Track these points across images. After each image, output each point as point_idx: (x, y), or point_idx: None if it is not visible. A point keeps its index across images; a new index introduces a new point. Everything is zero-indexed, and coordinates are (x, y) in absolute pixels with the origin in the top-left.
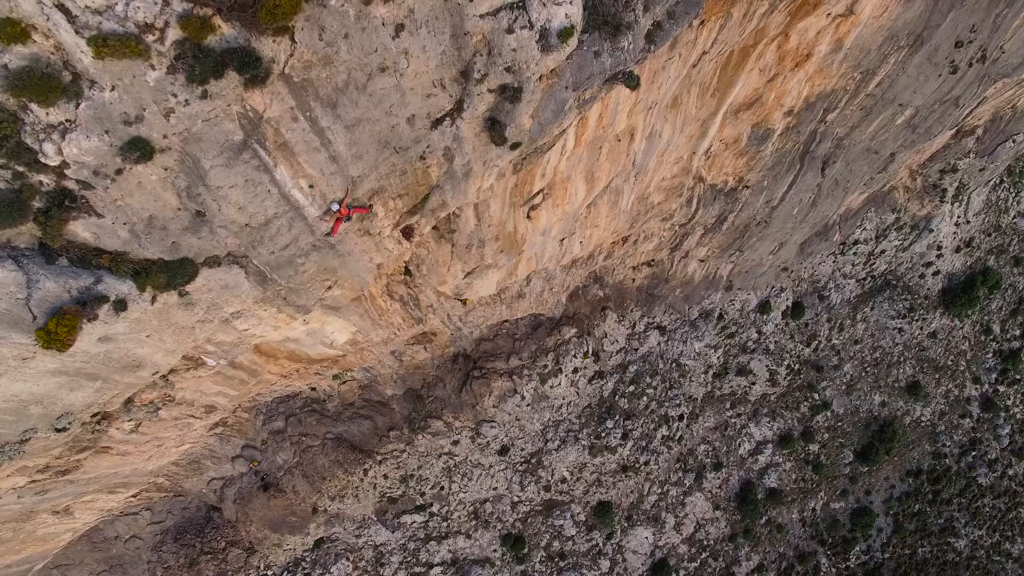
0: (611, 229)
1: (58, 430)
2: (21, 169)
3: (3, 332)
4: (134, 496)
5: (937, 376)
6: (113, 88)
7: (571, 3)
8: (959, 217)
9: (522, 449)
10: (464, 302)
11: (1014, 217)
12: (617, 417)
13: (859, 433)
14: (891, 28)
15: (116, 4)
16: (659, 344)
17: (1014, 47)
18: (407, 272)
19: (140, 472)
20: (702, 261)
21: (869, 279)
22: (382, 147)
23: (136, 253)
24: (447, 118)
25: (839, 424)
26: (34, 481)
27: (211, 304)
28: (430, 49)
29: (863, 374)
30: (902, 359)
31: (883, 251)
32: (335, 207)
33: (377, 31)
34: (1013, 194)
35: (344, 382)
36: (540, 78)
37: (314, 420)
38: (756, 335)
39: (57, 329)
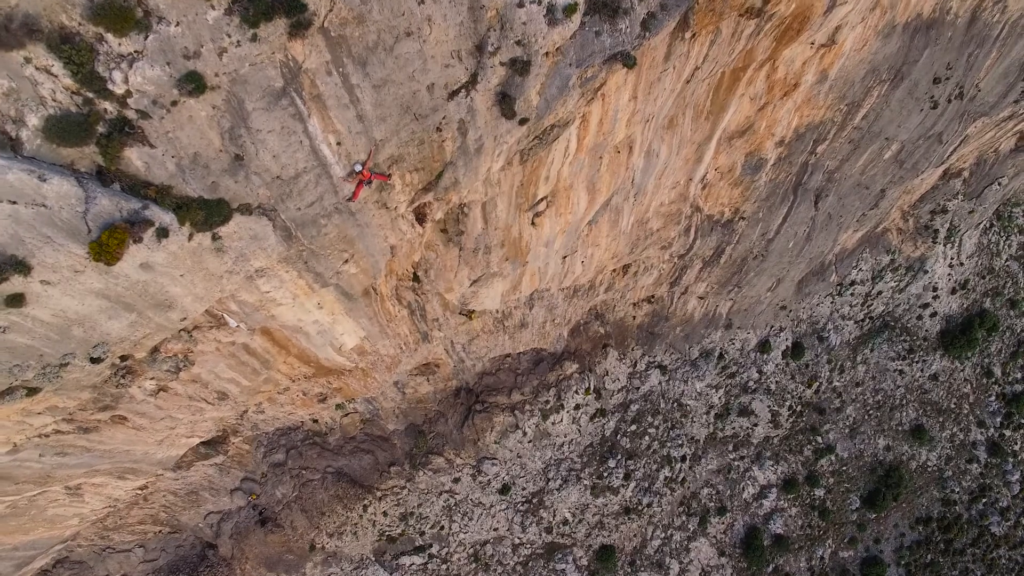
0: (612, 251)
1: (93, 360)
2: (91, 95)
3: (62, 240)
4: (140, 489)
5: (941, 419)
6: (178, 24)
7: None
8: (952, 259)
9: (523, 488)
10: (470, 316)
11: (1007, 260)
12: (619, 456)
13: (865, 478)
14: (872, 61)
15: None
16: (660, 383)
17: (989, 85)
18: (415, 279)
19: (150, 459)
20: (701, 298)
21: (867, 320)
22: (404, 112)
23: (179, 189)
24: (463, 90)
25: (844, 468)
26: (59, 432)
27: (240, 254)
28: (450, 18)
29: (866, 417)
30: (904, 402)
31: (880, 292)
32: (358, 168)
33: None
34: (1003, 238)
35: (347, 414)
36: (547, 54)
37: (315, 453)
38: (757, 375)
39: (108, 241)
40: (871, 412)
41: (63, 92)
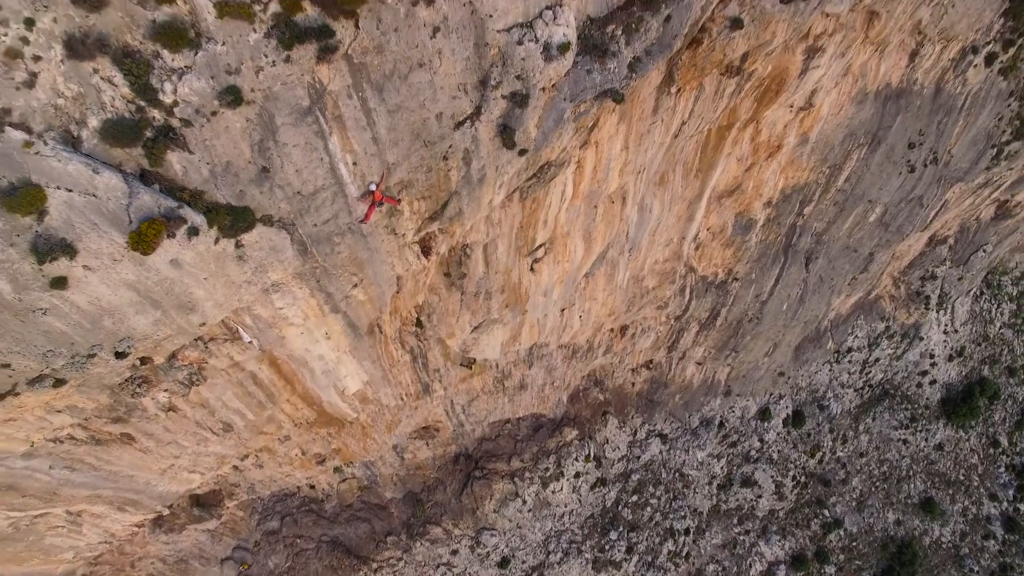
0: (609, 307)
1: (118, 354)
2: (143, 104)
3: (106, 228)
4: (138, 526)
5: (951, 491)
6: (223, 43)
7: (568, 26)
8: (947, 325)
9: (523, 561)
10: (470, 366)
11: (1000, 328)
12: (621, 528)
13: (876, 555)
14: (849, 126)
15: None
16: (661, 452)
17: (960, 152)
18: (419, 323)
19: (151, 491)
20: (699, 364)
21: (867, 388)
22: (414, 138)
23: (211, 194)
24: (468, 121)
25: (854, 544)
26: (72, 439)
27: (259, 264)
28: (458, 52)
29: (873, 489)
30: (911, 473)
31: (877, 359)
32: (372, 187)
33: (419, 30)
34: (995, 305)
35: (344, 479)
36: (544, 89)
37: (310, 521)
38: (758, 443)
39: (147, 231)
40: (878, 484)
41: (120, 100)
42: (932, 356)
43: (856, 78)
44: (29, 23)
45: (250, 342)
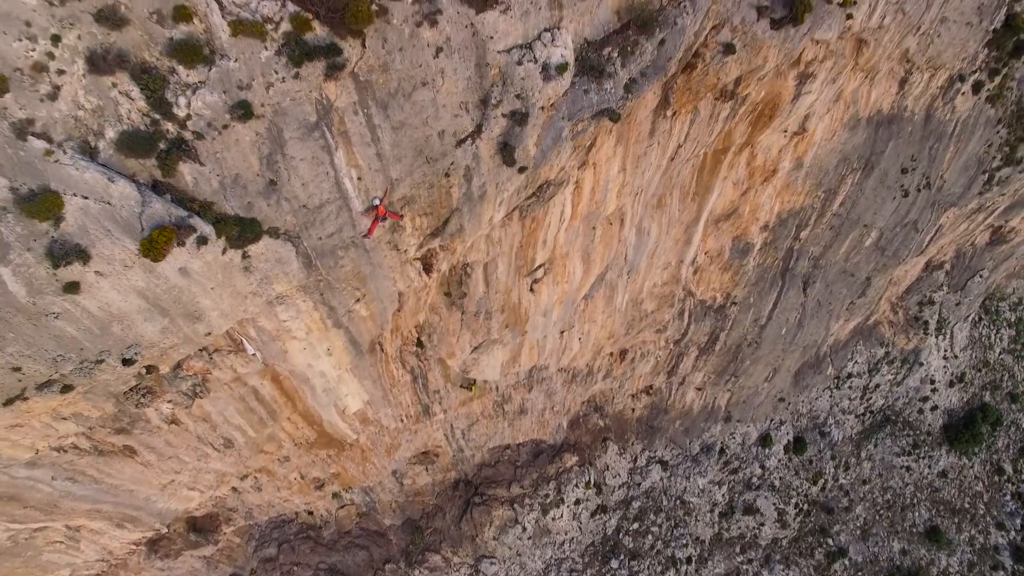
0: (608, 329)
1: (125, 361)
2: (158, 117)
3: (119, 234)
4: (135, 544)
5: (956, 520)
6: (236, 60)
7: (565, 47)
8: (946, 351)
9: None
10: (470, 388)
11: (1000, 354)
12: (622, 557)
13: None
14: (842, 151)
15: (252, 1)
16: (662, 479)
17: (952, 177)
18: (419, 344)
19: (151, 507)
20: (699, 389)
21: (868, 415)
22: (417, 154)
23: (219, 206)
24: (469, 139)
25: (859, 574)
26: (76, 448)
27: (264, 276)
28: (460, 72)
29: (877, 517)
30: (915, 501)
31: (877, 385)
32: (376, 202)
33: (423, 50)
34: (994, 331)
35: (343, 506)
36: (543, 108)
37: (308, 548)
38: (760, 470)
39: (158, 238)
40: (882, 512)
41: (136, 113)
42: (933, 382)
43: (848, 104)
44: (55, 39)
45: (254, 354)
